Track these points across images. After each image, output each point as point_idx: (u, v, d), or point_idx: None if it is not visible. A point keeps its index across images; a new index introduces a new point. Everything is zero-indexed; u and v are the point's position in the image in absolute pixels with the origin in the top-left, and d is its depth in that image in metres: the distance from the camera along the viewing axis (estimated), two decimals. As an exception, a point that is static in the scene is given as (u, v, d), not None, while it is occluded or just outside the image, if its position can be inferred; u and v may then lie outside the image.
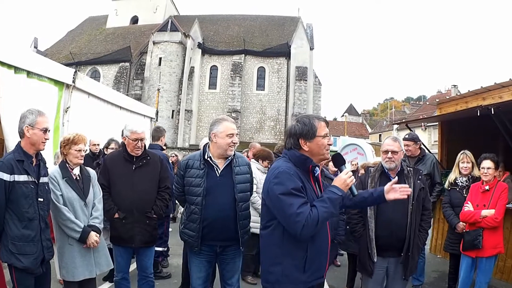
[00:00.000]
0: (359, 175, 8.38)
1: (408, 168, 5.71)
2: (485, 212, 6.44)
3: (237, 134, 5.37)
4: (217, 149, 5.30)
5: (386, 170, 5.62)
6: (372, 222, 5.45)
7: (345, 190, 3.64)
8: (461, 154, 7.69)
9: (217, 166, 5.31)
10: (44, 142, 4.83)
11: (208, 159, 5.32)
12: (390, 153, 5.49)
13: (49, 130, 4.88)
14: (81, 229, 5.21)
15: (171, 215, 11.48)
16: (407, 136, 8.78)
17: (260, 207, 4.99)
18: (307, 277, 3.69)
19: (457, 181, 7.62)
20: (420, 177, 5.67)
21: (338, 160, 3.86)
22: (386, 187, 4.10)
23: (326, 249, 3.82)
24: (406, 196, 4.14)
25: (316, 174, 3.90)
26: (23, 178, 4.60)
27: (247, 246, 8.51)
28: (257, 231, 4.97)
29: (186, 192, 5.48)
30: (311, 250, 3.68)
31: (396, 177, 4.48)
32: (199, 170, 5.34)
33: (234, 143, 5.30)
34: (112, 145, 8.75)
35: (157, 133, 8.99)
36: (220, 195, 5.27)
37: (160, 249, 8.63)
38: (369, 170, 5.94)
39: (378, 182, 5.56)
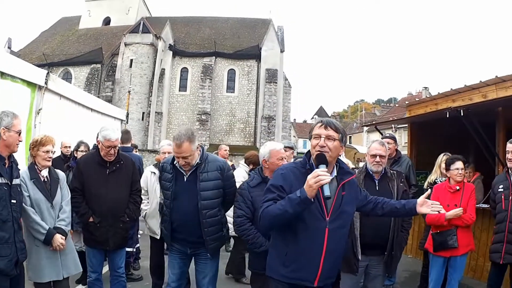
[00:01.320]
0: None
1: (391, 171, 5.87)
2: (449, 215, 6.48)
3: (183, 157, 5.22)
4: None
5: (371, 172, 5.73)
6: (358, 221, 5.51)
7: (309, 192, 3.43)
8: (443, 155, 7.83)
9: (184, 171, 5.40)
10: (18, 144, 4.86)
11: (176, 164, 5.42)
12: (378, 157, 5.61)
13: (21, 132, 4.88)
14: (45, 231, 5.21)
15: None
16: (388, 135, 8.93)
17: None
18: (287, 272, 3.80)
19: (436, 181, 7.76)
20: (402, 180, 5.85)
21: (319, 159, 3.68)
22: (420, 200, 4.17)
23: (314, 254, 3.75)
24: (437, 212, 4.18)
25: None
26: None
27: (237, 248, 8.81)
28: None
29: (163, 194, 5.72)
30: (292, 248, 3.78)
31: (429, 189, 4.52)
32: (169, 174, 5.49)
33: (182, 163, 5.31)
34: (82, 148, 8.57)
35: (127, 135, 9.29)
36: (186, 200, 5.37)
37: (130, 249, 8.58)
38: (354, 172, 5.87)
39: (363, 183, 5.61)
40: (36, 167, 5.42)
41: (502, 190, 6.43)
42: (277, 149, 5.79)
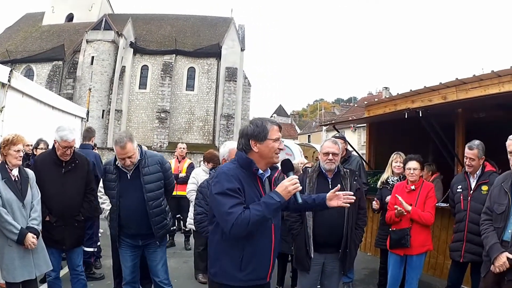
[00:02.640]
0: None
1: (345, 170, 5.90)
2: (401, 204, 6.63)
3: (128, 157, 5.57)
4: None
5: (324, 171, 5.78)
6: (310, 220, 5.61)
7: (286, 197, 3.61)
8: (395, 154, 8.06)
9: (127, 170, 5.67)
10: None
11: (118, 164, 5.70)
12: (331, 155, 5.65)
13: None
14: (18, 231, 5.20)
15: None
16: (338, 135, 9.12)
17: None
18: (243, 276, 3.75)
19: (388, 180, 7.96)
20: (356, 178, 5.88)
21: (287, 166, 3.83)
22: (329, 194, 4.20)
23: (266, 251, 3.85)
24: (348, 205, 4.26)
25: (263, 178, 3.94)
26: None
27: (196, 243, 8.75)
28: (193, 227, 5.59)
29: (107, 195, 6.05)
30: (248, 250, 3.73)
31: (339, 185, 4.41)
32: (112, 174, 5.75)
33: (128, 163, 5.64)
34: (41, 145, 8.65)
35: (88, 133, 9.31)
36: (132, 196, 5.65)
37: (91, 249, 8.66)
38: (307, 170, 6.12)
39: (316, 182, 5.75)
40: (6, 166, 5.41)
41: (460, 190, 6.56)
42: (231, 148, 6.03)
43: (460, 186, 6.63)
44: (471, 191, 6.42)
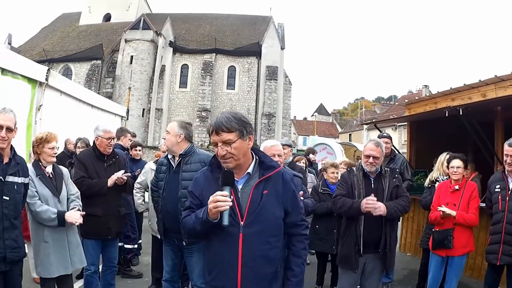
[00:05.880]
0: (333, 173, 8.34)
1: (386, 169, 5.84)
2: (444, 209, 6.52)
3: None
4: None
5: (367, 172, 5.73)
6: (362, 218, 5.56)
7: (211, 215, 3.13)
8: (446, 154, 7.74)
9: (173, 162, 5.74)
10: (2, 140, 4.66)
11: (169, 156, 5.81)
12: (371, 158, 5.58)
13: (9, 128, 4.67)
14: (55, 215, 5.18)
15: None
16: (385, 134, 9.03)
17: None
18: (210, 280, 3.44)
19: (438, 179, 7.72)
20: (396, 175, 5.82)
21: (223, 180, 3.21)
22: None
23: (229, 262, 3.29)
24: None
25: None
26: None
27: None
28: None
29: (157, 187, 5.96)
30: (208, 254, 3.48)
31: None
32: (164, 166, 5.88)
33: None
34: (79, 144, 8.64)
35: (118, 133, 9.15)
36: (171, 190, 5.63)
37: (130, 246, 8.84)
38: (352, 170, 6.04)
39: (362, 181, 5.71)
40: (40, 163, 5.43)
41: (499, 190, 6.33)
42: (268, 146, 5.90)
43: (498, 186, 6.40)
44: (509, 192, 6.21)
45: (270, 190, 3.38)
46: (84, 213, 5.51)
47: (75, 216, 5.34)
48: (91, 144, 7.86)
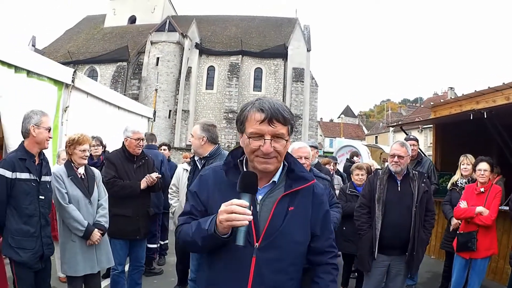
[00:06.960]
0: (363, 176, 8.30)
1: (414, 172, 5.87)
2: (480, 208, 6.50)
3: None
4: None
5: (394, 173, 5.78)
6: (379, 222, 5.61)
7: (220, 227, 2.34)
8: (463, 156, 7.84)
9: (198, 164, 5.84)
10: (48, 141, 5.01)
11: (196, 159, 5.91)
12: (396, 157, 5.65)
13: (51, 129, 5.06)
14: (84, 228, 5.26)
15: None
16: (412, 137, 9.11)
17: None
18: None
19: (457, 183, 7.82)
20: (424, 180, 5.82)
21: (244, 183, 2.37)
22: None
23: (234, 286, 2.53)
24: None
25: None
26: (24, 176, 4.74)
27: None
28: None
29: None
30: (210, 273, 2.66)
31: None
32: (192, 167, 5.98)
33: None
34: (93, 142, 8.30)
35: (151, 136, 9.52)
36: None
37: (154, 245, 8.97)
38: (378, 172, 6.11)
39: (386, 184, 5.74)
40: (72, 164, 5.49)
41: None
42: (295, 148, 5.79)
43: None
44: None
45: (297, 206, 2.61)
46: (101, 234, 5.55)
47: (95, 238, 5.40)
48: (103, 142, 8.45)
